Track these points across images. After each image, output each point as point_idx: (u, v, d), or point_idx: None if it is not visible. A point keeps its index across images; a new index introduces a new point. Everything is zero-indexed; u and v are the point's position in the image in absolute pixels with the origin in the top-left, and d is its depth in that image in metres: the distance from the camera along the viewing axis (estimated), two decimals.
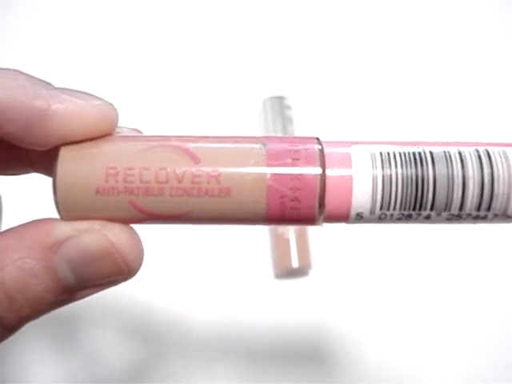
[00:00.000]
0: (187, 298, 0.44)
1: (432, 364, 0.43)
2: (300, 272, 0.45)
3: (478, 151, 0.20)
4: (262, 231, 0.46)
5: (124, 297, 0.43)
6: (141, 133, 0.23)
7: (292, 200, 0.20)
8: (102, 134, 0.20)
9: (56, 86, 0.20)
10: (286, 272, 0.45)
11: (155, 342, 0.42)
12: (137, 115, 0.48)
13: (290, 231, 0.44)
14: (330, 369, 0.42)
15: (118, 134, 0.21)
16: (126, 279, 0.21)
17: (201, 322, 0.43)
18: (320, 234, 0.45)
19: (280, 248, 0.45)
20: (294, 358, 0.43)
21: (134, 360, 0.42)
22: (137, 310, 0.43)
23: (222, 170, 0.20)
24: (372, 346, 0.43)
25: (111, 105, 0.21)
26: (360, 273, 0.45)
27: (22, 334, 0.20)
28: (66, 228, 0.20)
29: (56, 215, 0.20)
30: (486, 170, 0.20)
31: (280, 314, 0.44)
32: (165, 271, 0.44)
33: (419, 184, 0.20)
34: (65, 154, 0.20)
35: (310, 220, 0.20)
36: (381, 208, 0.20)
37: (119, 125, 0.22)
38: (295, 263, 0.44)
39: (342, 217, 0.20)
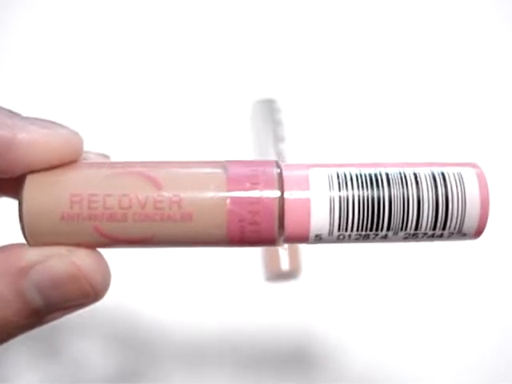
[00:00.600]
0: (177, 301, 0.44)
1: (420, 369, 0.43)
2: (290, 275, 0.45)
3: (433, 172, 0.21)
4: None
5: (111, 302, 0.43)
6: (108, 157, 0.23)
7: (251, 223, 0.20)
8: (68, 161, 0.21)
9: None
10: (277, 275, 0.45)
11: (144, 347, 0.43)
12: (128, 120, 0.49)
13: None
14: (318, 371, 0.43)
15: (85, 161, 0.22)
16: (92, 302, 0.21)
17: (191, 325, 0.43)
18: None
19: (271, 251, 0.45)
20: (284, 361, 0.43)
21: (121, 365, 0.42)
22: (126, 315, 0.43)
23: (183, 195, 0.20)
24: (360, 350, 0.43)
25: (76, 133, 0.21)
26: (349, 277, 0.45)
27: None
28: (34, 253, 0.20)
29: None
30: (441, 191, 0.20)
31: (270, 317, 0.44)
32: (154, 274, 0.45)
33: (375, 205, 0.20)
34: (30, 182, 0.20)
35: (270, 242, 0.21)
36: (338, 229, 0.21)
37: (87, 149, 0.23)
38: (285, 266, 0.44)
39: (302, 238, 0.21)
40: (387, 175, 0.21)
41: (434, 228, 0.21)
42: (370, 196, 0.20)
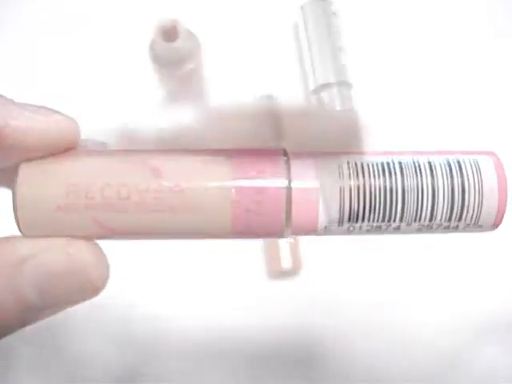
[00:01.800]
0: (178, 299, 0.44)
1: (422, 370, 0.42)
2: (292, 273, 0.44)
3: (448, 161, 0.20)
4: None
5: (112, 299, 0.42)
6: (106, 146, 0.22)
7: (257, 214, 0.19)
8: (64, 149, 0.20)
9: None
10: (278, 273, 0.44)
11: (145, 345, 0.42)
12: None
13: None
14: (319, 368, 0.42)
15: (82, 149, 0.21)
16: (91, 297, 0.20)
17: (193, 323, 0.43)
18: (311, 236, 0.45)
19: (272, 249, 0.44)
20: (285, 358, 0.43)
21: (123, 365, 0.42)
22: (126, 313, 0.43)
23: (184, 184, 0.19)
24: (361, 346, 0.43)
25: (72, 119, 0.20)
26: (350, 273, 0.44)
27: (6, 341, 0.20)
28: (29, 246, 0.19)
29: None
30: (457, 181, 0.19)
31: (271, 314, 0.43)
32: (157, 272, 0.44)
33: (388, 195, 0.19)
34: (24, 170, 0.19)
35: (277, 233, 0.20)
36: (349, 220, 0.20)
37: (85, 137, 0.22)
38: (287, 265, 0.44)
39: (310, 229, 0.20)
40: (400, 164, 0.20)
41: (450, 219, 0.20)
42: (382, 185, 0.19)
